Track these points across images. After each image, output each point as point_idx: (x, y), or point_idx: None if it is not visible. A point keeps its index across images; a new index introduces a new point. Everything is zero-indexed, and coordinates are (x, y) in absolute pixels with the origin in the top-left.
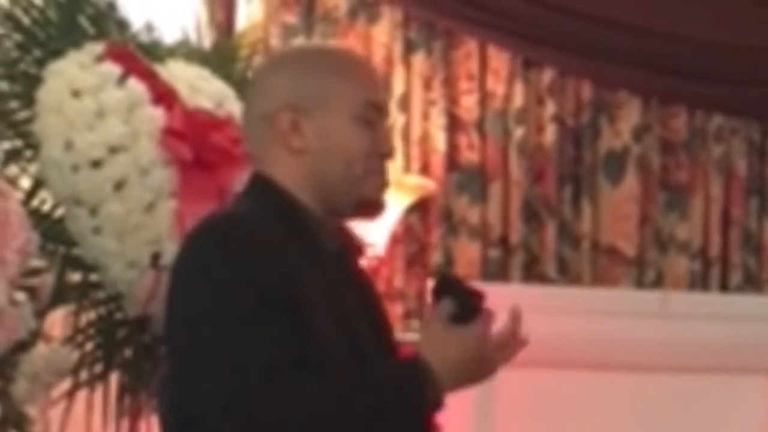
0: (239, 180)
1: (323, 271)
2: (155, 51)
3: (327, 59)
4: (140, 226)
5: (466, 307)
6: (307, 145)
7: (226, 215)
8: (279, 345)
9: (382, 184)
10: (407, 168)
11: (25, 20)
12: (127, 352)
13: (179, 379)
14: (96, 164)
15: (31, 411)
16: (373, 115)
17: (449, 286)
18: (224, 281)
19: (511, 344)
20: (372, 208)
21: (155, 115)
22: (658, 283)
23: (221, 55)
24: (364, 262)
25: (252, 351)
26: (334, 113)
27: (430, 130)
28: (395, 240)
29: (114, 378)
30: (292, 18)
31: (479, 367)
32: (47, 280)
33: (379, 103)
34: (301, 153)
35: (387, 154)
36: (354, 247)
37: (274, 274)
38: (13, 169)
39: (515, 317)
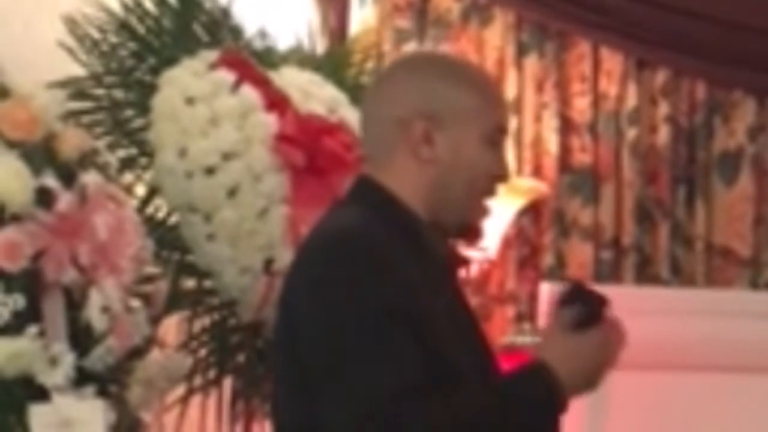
0: None
1: (439, 284)
2: (268, 57)
3: (465, 74)
4: (253, 232)
5: (590, 313)
6: (437, 156)
7: (355, 226)
8: (411, 364)
9: (487, 211)
10: (519, 170)
11: (140, 29)
12: (241, 358)
13: (308, 392)
14: (210, 171)
15: (146, 417)
16: (498, 138)
17: (577, 293)
18: (357, 297)
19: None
20: (472, 234)
21: (268, 122)
22: None
23: (334, 61)
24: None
25: (386, 370)
26: (467, 130)
27: (543, 133)
28: (507, 243)
29: (227, 383)
30: (404, 22)
31: (597, 374)
32: (162, 287)
33: (505, 126)
34: (428, 163)
35: (504, 176)
36: (459, 259)
37: (404, 291)
38: (128, 177)
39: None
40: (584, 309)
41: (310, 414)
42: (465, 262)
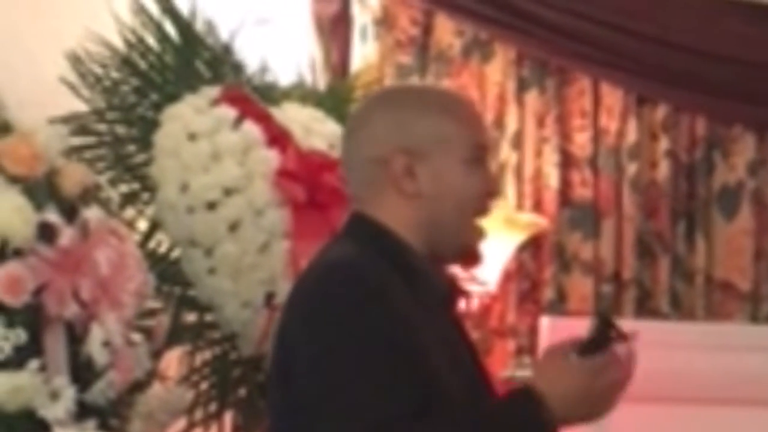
0: None
1: (435, 316)
2: (270, 93)
3: (437, 101)
4: (254, 267)
5: (596, 341)
6: (420, 189)
7: (346, 260)
8: (401, 393)
9: (483, 233)
10: (520, 205)
11: (142, 65)
12: (242, 392)
13: (301, 418)
14: (211, 206)
15: None
16: (481, 155)
17: (601, 326)
18: (349, 327)
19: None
20: (472, 257)
21: (269, 157)
22: None
23: (336, 97)
24: (465, 304)
25: (376, 398)
26: (447, 157)
27: (543, 167)
28: (508, 277)
29: (228, 417)
30: (406, 58)
31: (595, 401)
32: (163, 321)
33: (487, 143)
34: (414, 197)
35: (495, 192)
36: (457, 291)
37: (398, 323)
38: (130, 212)
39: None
40: (591, 336)
41: None
42: (463, 292)
